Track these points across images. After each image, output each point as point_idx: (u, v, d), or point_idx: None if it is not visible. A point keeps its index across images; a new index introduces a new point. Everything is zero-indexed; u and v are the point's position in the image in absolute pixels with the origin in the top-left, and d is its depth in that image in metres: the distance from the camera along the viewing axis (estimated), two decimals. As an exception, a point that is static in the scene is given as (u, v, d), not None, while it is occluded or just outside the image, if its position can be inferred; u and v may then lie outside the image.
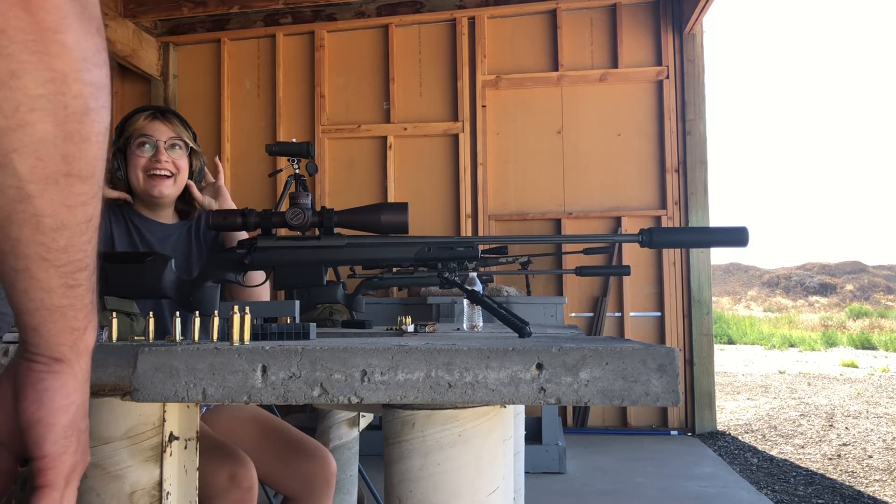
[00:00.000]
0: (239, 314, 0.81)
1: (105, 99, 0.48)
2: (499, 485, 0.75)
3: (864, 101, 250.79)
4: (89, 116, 0.46)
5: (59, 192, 0.46)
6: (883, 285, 21.43)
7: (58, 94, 0.44)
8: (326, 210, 1.04)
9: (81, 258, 0.50)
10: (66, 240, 0.48)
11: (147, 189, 1.62)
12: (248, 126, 5.29)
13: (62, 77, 0.44)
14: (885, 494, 3.40)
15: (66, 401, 0.54)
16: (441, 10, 5.10)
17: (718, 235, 1.00)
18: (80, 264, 0.50)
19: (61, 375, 0.54)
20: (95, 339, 0.56)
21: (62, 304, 0.51)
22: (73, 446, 0.55)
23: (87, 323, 0.54)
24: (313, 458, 1.59)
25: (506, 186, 5.02)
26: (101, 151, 0.48)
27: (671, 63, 4.89)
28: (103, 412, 0.81)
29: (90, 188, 0.48)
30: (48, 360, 0.53)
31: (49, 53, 0.43)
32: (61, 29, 0.43)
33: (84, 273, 0.51)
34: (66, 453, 0.54)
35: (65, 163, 0.46)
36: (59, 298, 0.50)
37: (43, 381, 0.53)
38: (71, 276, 0.50)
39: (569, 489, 3.39)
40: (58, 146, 0.45)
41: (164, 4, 5.00)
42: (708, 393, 4.73)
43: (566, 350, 0.67)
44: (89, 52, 0.45)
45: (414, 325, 1.40)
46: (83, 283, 0.52)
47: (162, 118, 1.64)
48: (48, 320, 0.51)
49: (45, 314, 0.51)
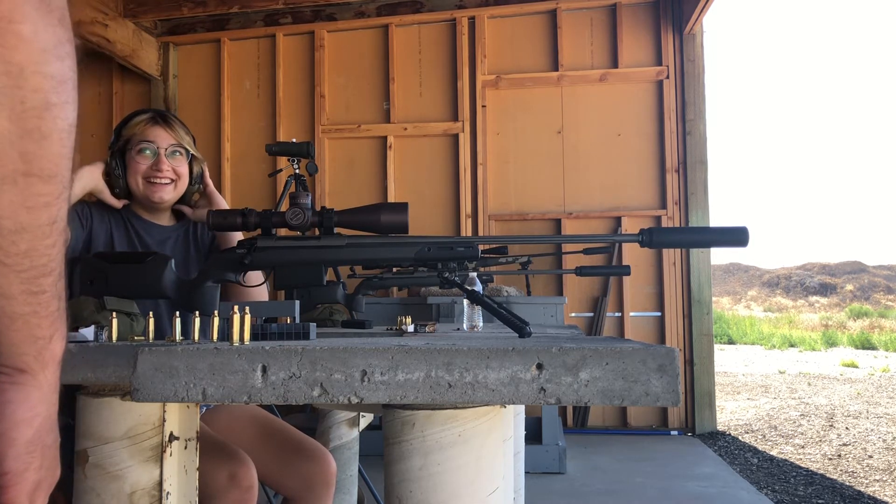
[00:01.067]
0: (239, 314, 0.81)
1: (69, 94, 0.45)
2: (499, 485, 0.75)
3: (864, 101, 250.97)
4: (50, 112, 0.43)
5: (17, 192, 0.43)
6: (883, 285, 21.43)
7: (14, 87, 0.41)
8: (326, 210, 1.04)
9: (45, 262, 0.47)
10: (27, 243, 0.45)
11: (147, 195, 1.62)
12: (248, 126, 5.28)
13: (18, 70, 0.41)
14: (885, 494, 3.40)
15: (28, 414, 0.51)
16: (441, 10, 5.10)
17: (718, 235, 1.00)
18: (43, 269, 0.47)
19: (24, 387, 0.51)
20: (64, 348, 0.53)
21: (24, 312, 0.48)
22: (37, 462, 0.52)
23: (54, 331, 0.51)
24: (313, 459, 1.59)
25: (506, 186, 5.02)
26: (64, 149, 0.45)
27: (671, 63, 4.89)
28: (103, 412, 0.81)
29: (53, 188, 0.45)
30: (11, 371, 0.50)
31: (4, 45, 0.40)
32: (17, 19, 0.40)
33: (48, 278, 0.48)
34: (28, 470, 0.51)
35: (23, 161, 0.43)
36: (21, 305, 0.47)
37: (5, 393, 0.50)
38: (33, 281, 0.47)
39: (569, 489, 3.39)
40: (14, 143, 0.42)
41: (164, 4, 5.00)
42: (708, 393, 4.73)
43: (566, 350, 0.67)
44: (50, 43, 0.42)
45: (414, 325, 1.40)
46: (48, 290, 0.49)
47: (163, 123, 1.62)
48: (9, 329, 0.48)
49: (7, 322, 0.48)
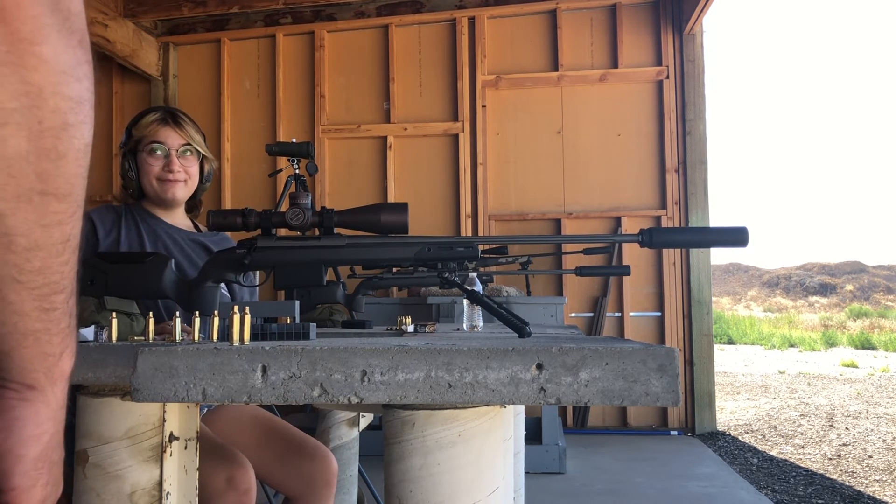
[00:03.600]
0: (239, 314, 0.81)
1: (86, 114, 0.45)
2: (499, 485, 0.75)
3: (864, 101, 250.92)
4: (67, 132, 0.44)
5: (33, 210, 0.44)
6: (883, 285, 21.43)
7: (32, 107, 0.41)
8: (326, 210, 1.04)
9: (58, 280, 0.48)
10: (41, 261, 0.46)
11: (160, 193, 1.65)
12: (248, 126, 5.29)
13: (37, 91, 0.42)
14: (885, 494, 3.40)
15: (37, 430, 0.51)
16: (441, 10, 5.10)
17: (718, 235, 1.00)
18: (56, 286, 0.48)
19: (34, 404, 0.51)
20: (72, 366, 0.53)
21: (36, 329, 0.48)
22: (44, 479, 0.52)
23: (64, 348, 0.51)
24: (314, 458, 1.60)
25: (506, 186, 5.02)
26: (80, 169, 0.46)
27: (671, 63, 4.89)
28: (103, 412, 0.81)
29: (68, 207, 0.46)
30: (20, 387, 0.50)
31: (24, 66, 0.40)
32: (38, 40, 0.41)
33: (61, 296, 0.49)
34: (35, 486, 0.51)
35: (39, 180, 0.43)
36: (34, 322, 0.48)
37: (14, 410, 0.50)
38: (46, 298, 0.47)
39: (569, 489, 3.39)
40: (31, 163, 0.43)
41: (164, 4, 5.00)
42: (708, 393, 4.73)
43: (566, 350, 0.67)
44: (69, 65, 0.43)
45: (414, 325, 1.40)
46: (59, 307, 0.49)
47: (173, 124, 1.64)
48: (21, 345, 0.48)
49: (18, 339, 0.48)
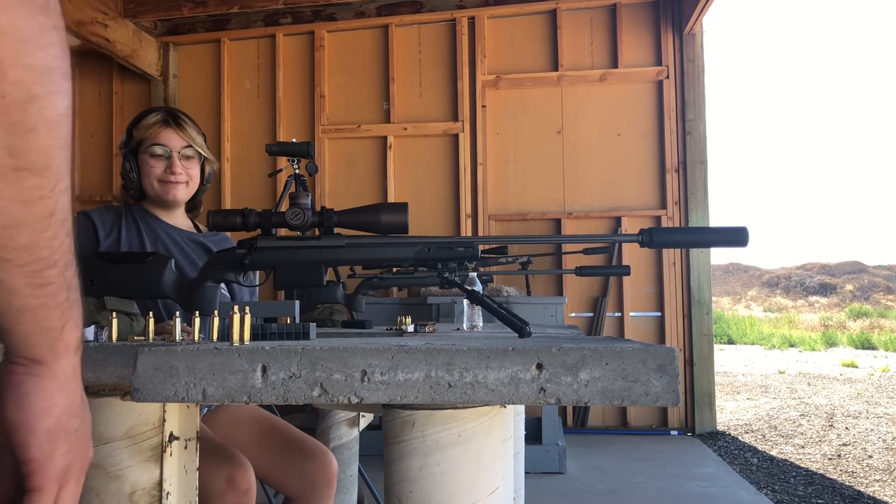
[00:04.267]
0: (239, 314, 0.81)
1: (56, 83, 0.44)
2: (499, 485, 0.75)
3: (863, 101, 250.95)
4: (35, 104, 0.43)
5: (8, 187, 0.43)
6: (883, 285, 21.42)
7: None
8: (326, 210, 1.04)
9: (48, 255, 0.48)
10: (27, 237, 0.46)
11: (161, 194, 1.66)
12: (248, 126, 5.28)
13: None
14: (885, 494, 3.40)
15: (46, 403, 0.52)
16: (441, 10, 5.10)
17: (718, 235, 1.00)
18: (47, 262, 0.48)
19: (41, 378, 0.52)
20: (80, 336, 0.54)
21: (32, 305, 0.49)
22: (63, 448, 0.53)
23: (65, 321, 0.52)
24: (315, 458, 1.60)
25: (506, 186, 5.02)
26: (56, 140, 0.45)
27: (671, 63, 4.89)
28: (103, 412, 0.81)
29: (47, 181, 0.45)
30: (27, 362, 0.51)
31: None
32: None
33: (53, 270, 0.49)
34: (52, 457, 0.52)
35: (10, 156, 0.42)
36: (27, 299, 0.48)
37: (23, 385, 0.51)
38: (37, 274, 0.48)
39: (569, 489, 3.39)
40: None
41: (164, 4, 5.00)
42: (708, 393, 4.73)
43: (566, 350, 0.67)
44: (31, 33, 0.41)
45: (414, 325, 1.40)
46: (53, 281, 0.49)
47: (174, 125, 1.64)
48: (19, 322, 0.49)
49: (15, 316, 0.49)
